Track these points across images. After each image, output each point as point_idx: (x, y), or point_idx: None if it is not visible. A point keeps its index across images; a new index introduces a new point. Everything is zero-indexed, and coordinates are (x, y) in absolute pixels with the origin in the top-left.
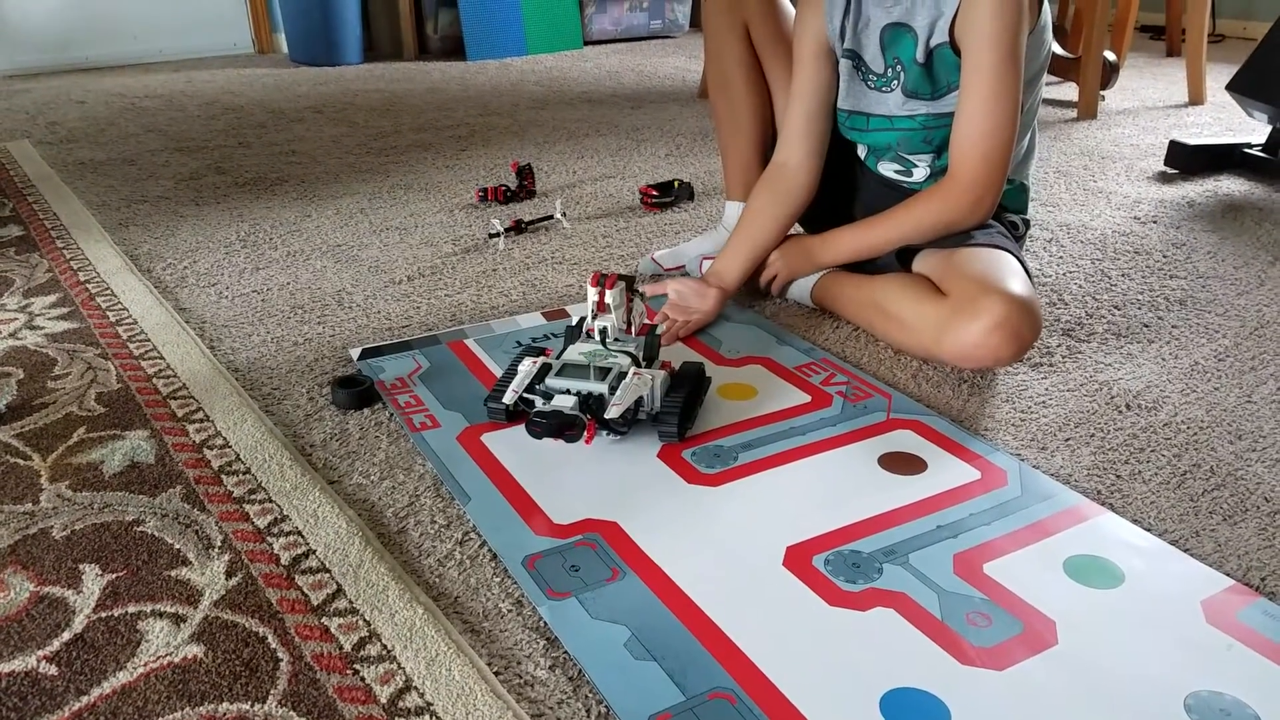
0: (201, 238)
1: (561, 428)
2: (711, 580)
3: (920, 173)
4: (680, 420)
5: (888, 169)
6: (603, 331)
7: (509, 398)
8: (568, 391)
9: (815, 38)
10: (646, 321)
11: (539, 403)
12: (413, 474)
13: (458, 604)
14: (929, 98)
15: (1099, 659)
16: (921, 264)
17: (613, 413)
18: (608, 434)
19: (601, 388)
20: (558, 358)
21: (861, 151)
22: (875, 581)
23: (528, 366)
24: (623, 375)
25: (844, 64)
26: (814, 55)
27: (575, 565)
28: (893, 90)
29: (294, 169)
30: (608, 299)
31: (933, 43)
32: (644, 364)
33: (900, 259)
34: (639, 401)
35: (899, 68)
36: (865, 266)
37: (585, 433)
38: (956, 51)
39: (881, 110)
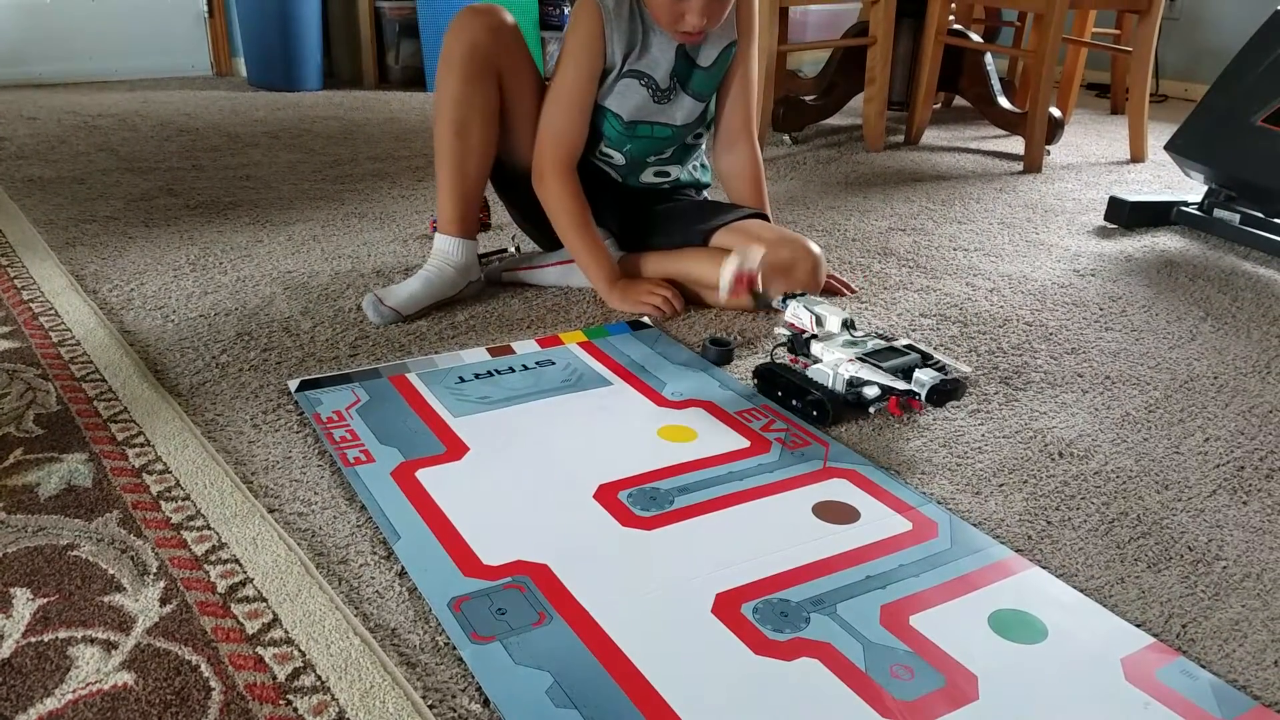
0: (150, 260)
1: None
2: (639, 626)
3: (680, 171)
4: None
5: (649, 177)
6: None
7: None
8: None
9: (594, 56)
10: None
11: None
12: (355, 503)
13: (395, 636)
14: (708, 95)
15: (1019, 715)
16: (722, 239)
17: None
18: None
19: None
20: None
21: (617, 173)
22: (802, 631)
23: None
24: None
25: (628, 82)
26: (593, 75)
27: (502, 608)
28: (679, 99)
29: (247, 194)
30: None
31: (721, 50)
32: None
33: (696, 238)
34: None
35: (676, 82)
36: (664, 245)
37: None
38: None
39: (666, 119)
